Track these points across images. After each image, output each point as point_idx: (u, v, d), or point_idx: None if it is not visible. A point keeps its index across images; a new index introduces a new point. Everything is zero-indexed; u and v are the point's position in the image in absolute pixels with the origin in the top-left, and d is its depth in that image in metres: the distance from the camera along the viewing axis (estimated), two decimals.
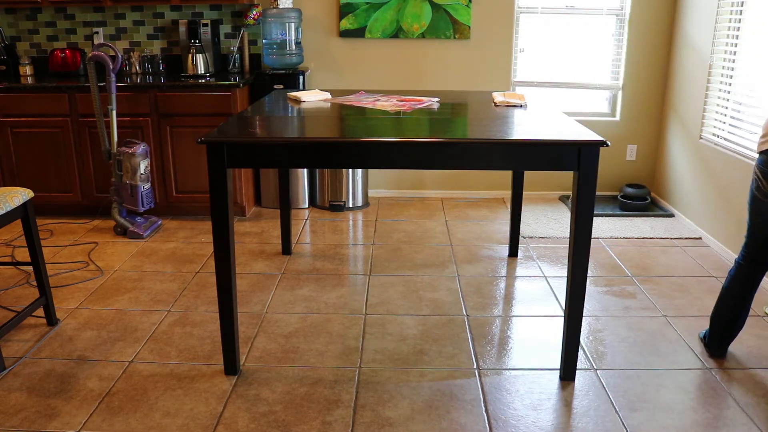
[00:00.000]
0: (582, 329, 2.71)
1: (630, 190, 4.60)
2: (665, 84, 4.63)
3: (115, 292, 3.23)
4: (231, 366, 2.49)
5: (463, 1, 4.46)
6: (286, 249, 3.73)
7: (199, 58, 4.25)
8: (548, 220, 4.34)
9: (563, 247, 3.87)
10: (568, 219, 4.34)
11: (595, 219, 4.28)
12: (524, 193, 4.83)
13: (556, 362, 2.60)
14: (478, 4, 4.50)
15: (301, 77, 4.33)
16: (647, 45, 4.55)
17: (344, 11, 4.51)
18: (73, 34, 4.60)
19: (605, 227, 4.19)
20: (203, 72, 4.27)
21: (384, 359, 2.62)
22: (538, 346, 2.74)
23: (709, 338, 2.66)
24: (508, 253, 3.76)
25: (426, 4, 4.47)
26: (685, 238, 4.00)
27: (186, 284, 3.32)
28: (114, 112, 3.85)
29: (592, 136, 2.29)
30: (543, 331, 2.86)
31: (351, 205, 4.59)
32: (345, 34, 4.56)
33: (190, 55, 4.26)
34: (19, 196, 2.60)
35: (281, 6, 4.34)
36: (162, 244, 3.89)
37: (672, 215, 4.42)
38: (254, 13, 4.30)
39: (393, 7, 4.48)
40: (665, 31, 4.54)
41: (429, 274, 3.46)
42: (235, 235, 4.02)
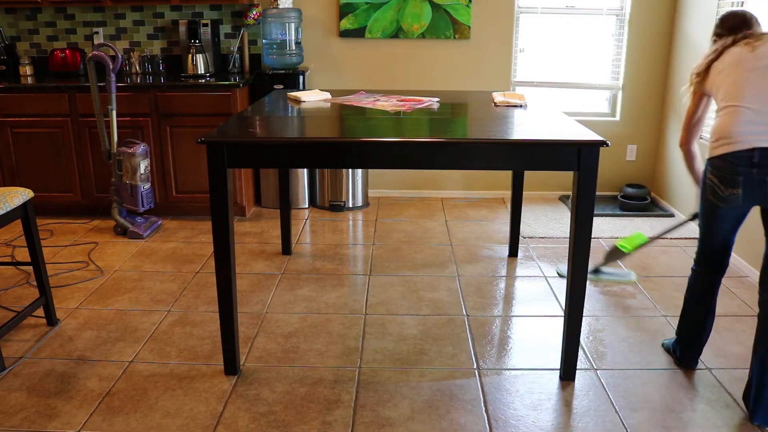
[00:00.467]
0: (582, 329, 2.71)
1: (630, 190, 4.60)
2: (665, 84, 4.63)
3: (115, 292, 3.23)
4: (231, 366, 2.49)
5: (463, 1, 4.46)
6: (286, 249, 3.73)
7: (199, 58, 4.25)
8: (548, 220, 4.34)
9: (563, 247, 3.87)
10: (568, 219, 4.34)
11: (595, 219, 4.28)
12: (524, 193, 4.83)
13: (556, 362, 2.60)
14: (478, 4, 4.50)
15: (301, 77, 4.33)
16: (647, 45, 4.55)
17: (344, 11, 4.51)
18: (73, 34, 4.60)
19: (605, 227, 4.19)
20: (203, 72, 4.27)
21: (384, 359, 2.62)
22: (538, 346, 2.74)
23: (680, 350, 2.56)
24: (508, 253, 3.76)
25: (426, 4, 4.47)
26: (685, 238, 4.00)
27: (186, 284, 3.32)
28: (114, 112, 3.85)
29: (592, 136, 2.29)
30: (543, 331, 2.86)
31: (351, 205, 4.59)
32: (345, 34, 4.56)
33: (190, 55, 4.26)
34: (19, 196, 2.60)
35: (281, 6, 4.34)
36: (162, 244, 3.89)
37: (672, 215, 4.42)
38: (254, 13, 4.30)
39: (393, 7, 4.48)
40: (665, 31, 4.53)
41: (429, 274, 3.46)
42: (235, 235, 4.02)
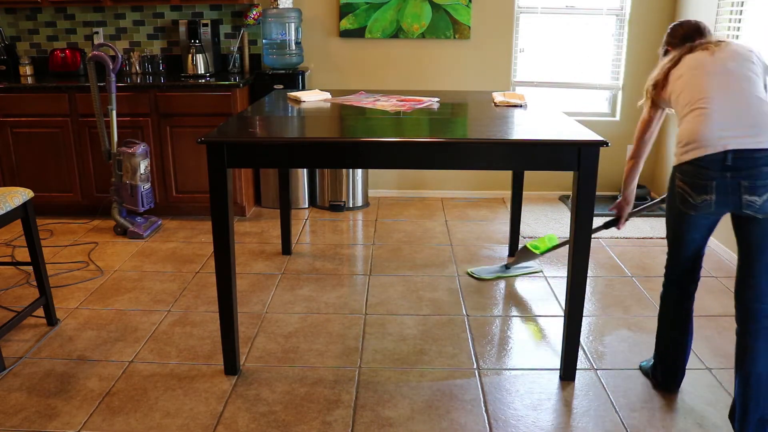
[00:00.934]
0: (582, 329, 2.71)
1: None
2: None
3: (115, 292, 3.23)
4: (231, 366, 2.49)
5: (463, 1, 4.46)
6: (286, 249, 3.72)
7: (199, 58, 4.25)
8: (548, 220, 4.34)
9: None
10: (568, 219, 4.34)
11: (595, 219, 4.28)
12: (524, 193, 4.82)
13: (556, 362, 2.60)
14: (478, 4, 4.50)
15: (301, 77, 4.33)
16: (647, 45, 4.55)
17: (344, 11, 4.51)
18: (73, 34, 4.60)
19: None
20: (203, 72, 4.27)
21: (384, 359, 2.62)
22: (538, 346, 2.74)
23: (660, 373, 2.39)
24: (508, 253, 3.76)
25: (426, 4, 4.47)
26: None
27: (186, 284, 3.32)
28: (114, 112, 3.85)
29: (592, 136, 2.29)
30: (543, 331, 2.86)
31: (351, 205, 4.59)
32: (345, 34, 4.56)
33: (190, 55, 4.25)
34: (19, 196, 2.60)
35: (281, 6, 4.34)
36: (162, 244, 3.89)
37: None
38: (254, 13, 4.30)
39: (393, 7, 4.48)
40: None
41: (429, 274, 3.46)
42: (235, 235, 4.02)
